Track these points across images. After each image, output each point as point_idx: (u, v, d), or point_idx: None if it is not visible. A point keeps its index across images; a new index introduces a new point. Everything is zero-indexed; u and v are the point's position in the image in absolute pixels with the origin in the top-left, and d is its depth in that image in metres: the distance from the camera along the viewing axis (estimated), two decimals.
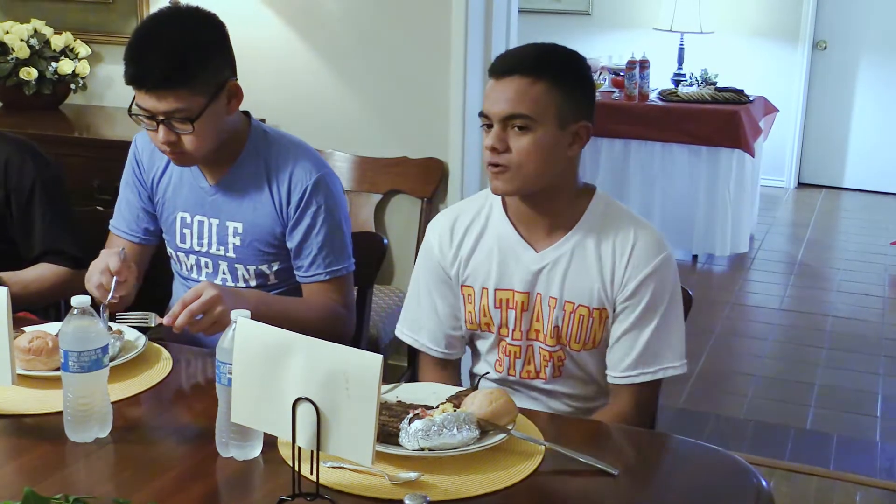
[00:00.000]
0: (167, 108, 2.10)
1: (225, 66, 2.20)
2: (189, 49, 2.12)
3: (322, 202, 2.29)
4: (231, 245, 2.33)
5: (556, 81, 1.92)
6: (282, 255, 2.34)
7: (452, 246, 2.11)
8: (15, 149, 2.52)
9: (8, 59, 3.92)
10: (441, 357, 2.17)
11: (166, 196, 2.38)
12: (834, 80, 7.66)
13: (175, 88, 2.09)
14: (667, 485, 1.75)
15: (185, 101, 2.11)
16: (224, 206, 2.32)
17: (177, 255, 2.41)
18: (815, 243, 6.50)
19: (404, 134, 3.72)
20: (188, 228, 2.36)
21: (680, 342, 2.05)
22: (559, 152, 1.96)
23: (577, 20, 7.96)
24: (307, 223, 2.29)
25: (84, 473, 1.68)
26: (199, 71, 2.12)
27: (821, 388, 4.27)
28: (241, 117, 2.33)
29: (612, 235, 2.02)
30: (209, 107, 2.14)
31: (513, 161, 1.94)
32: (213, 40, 2.19)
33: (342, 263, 2.34)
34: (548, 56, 1.98)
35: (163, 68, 2.08)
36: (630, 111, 5.74)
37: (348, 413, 1.48)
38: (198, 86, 2.12)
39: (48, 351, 1.93)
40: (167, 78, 2.09)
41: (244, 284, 2.36)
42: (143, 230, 2.44)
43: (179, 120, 2.12)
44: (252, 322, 1.57)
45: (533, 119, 1.92)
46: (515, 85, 1.92)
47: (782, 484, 3.45)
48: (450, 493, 1.60)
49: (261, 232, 2.31)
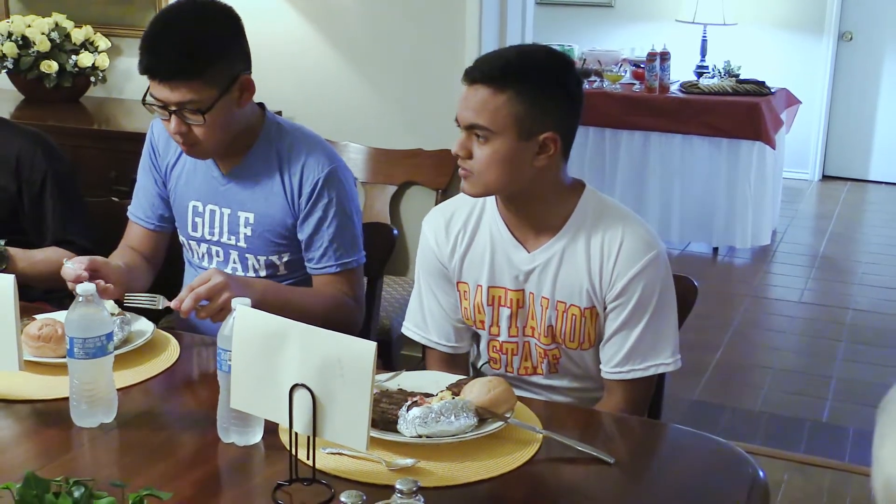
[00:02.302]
0: (179, 98, 2.13)
1: (238, 59, 2.22)
2: (203, 41, 2.14)
3: (333, 194, 2.30)
4: (242, 235, 2.35)
5: (521, 92, 1.88)
6: (293, 247, 2.36)
7: (449, 242, 2.11)
8: (27, 141, 2.56)
9: (29, 52, 3.97)
10: (450, 352, 2.17)
11: (179, 183, 2.41)
12: (859, 71, 7.60)
13: (188, 80, 2.11)
14: (663, 473, 1.76)
15: (197, 93, 2.12)
16: (236, 196, 2.34)
17: (188, 242, 2.44)
18: (838, 236, 6.46)
19: (419, 126, 3.74)
20: (200, 217, 2.39)
21: (672, 338, 2.04)
22: (522, 163, 1.93)
23: (600, 12, 7.94)
24: (318, 215, 2.30)
25: (88, 458, 1.72)
26: (212, 63, 2.13)
27: (838, 381, 4.25)
28: (256, 109, 2.35)
29: (600, 235, 2.00)
30: (221, 99, 2.16)
31: (475, 168, 1.94)
32: (227, 33, 2.20)
33: (353, 256, 2.35)
34: (519, 64, 1.93)
35: (176, 59, 2.11)
36: (650, 103, 5.72)
37: (343, 399, 1.50)
38: (210, 78, 2.13)
39: (57, 338, 1.97)
40: (180, 69, 2.11)
41: (254, 274, 2.37)
42: (158, 217, 2.46)
43: (191, 111, 2.14)
44: (251, 310, 1.60)
45: (491, 131, 1.90)
46: (480, 94, 1.90)
47: (796, 476, 3.44)
48: (446, 480, 1.61)
49: (272, 223, 2.33)
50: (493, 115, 1.89)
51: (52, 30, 4.00)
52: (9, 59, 3.98)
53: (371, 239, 2.60)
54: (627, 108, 5.72)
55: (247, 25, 2.25)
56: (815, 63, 7.57)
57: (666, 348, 2.02)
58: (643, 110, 5.72)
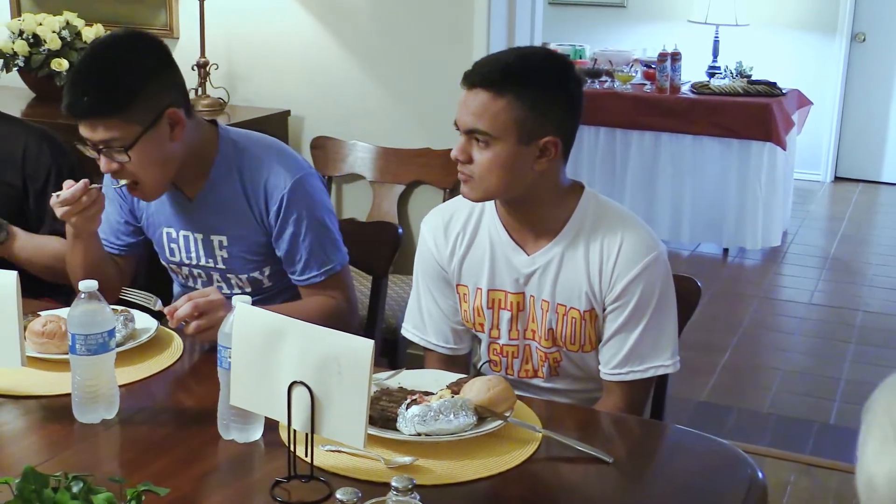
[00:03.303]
0: (100, 136, 2.08)
1: (163, 93, 2.13)
2: (119, 78, 2.08)
3: (303, 208, 2.25)
4: (219, 257, 2.31)
5: (520, 96, 1.87)
6: (272, 259, 2.32)
7: (448, 244, 2.10)
8: (33, 137, 2.58)
9: (40, 50, 3.99)
10: (449, 353, 2.17)
11: (149, 211, 2.36)
12: (872, 73, 7.56)
13: (104, 117, 2.06)
14: (661, 472, 1.76)
15: (116, 130, 2.07)
16: (206, 220, 2.30)
17: (170, 266, 2.42)
18: (849, 238, 6.43)
19: (427, 125, 3.74)
20: (175, 243, 2.35)
21: (672, 340, 2.03)
22: (522, 167, 1.92)
23: (612, 12, 7.93)
24: (291, 231, 2.26)
25: (89, 453, 1.73)
26: (130, 100, 2.07)
27: (847, 382, 4.24)
28: (206, 132, 2.27)
29: (599, 237, 1.99)
30: (145, 135, 2.09)
31: (475, 172, 1.93)
32: (148, 67, 2.12)
33: (335, 261, 2.31)
34: (517, 68, 1.90)
35: (92, 97, 2.05)
36: (661, 104, 5.71)
37: (341, 397, 1.51)
38: (129, 114, 2.07)
39: (61, 334, 1.98)
40: (95, 107, 2.06)
41: (239, 291, 2.34)
42: (123, 244, 2.42)
43: (115, 149, 2.09)
44: (251, 307, 1.61)
45: (491, 136, 1.89)
46: (479, 99, 1.89)
47: (803, 478, 3.43)
48: (444, 478, 1.62)
49: (246, 243, 2.29)
50: (493, 119, 1.88)
51: (62, 28, 4.01)
52: (20, 56, 3.99)
53: (377, 238, 2.61)
54: (638, 109, 5.71)
55: (255, 25, 2.25)
56: (828, 64, 7.54)
57: (665, 350, 2.02)
58: (654, 111, 5.71)
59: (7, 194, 2.55)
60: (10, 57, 4.01)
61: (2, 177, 2.54)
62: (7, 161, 2.55)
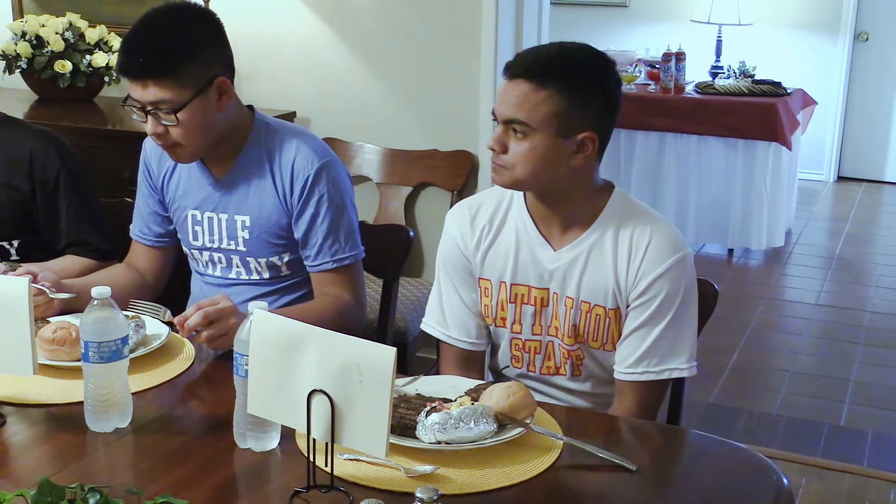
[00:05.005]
0: (151, 97, 2.12)
1: (215, 61, 2.20)
2: (175, 41, 2.13)
3: (325, 190, 2.28)
4: (241, 238, 2.34)
5: (561, 90, 1.88)
6: (292, 246, 2.34)
7: (474, 236, 2.10)
8: (40, 141, 2.55)
9: (43, 52, 3.96)
10: (469, 349, 2.15)
11: (176, 195, 2.40)
12: (875, 72, 7.54)
13: (157, 78, 2.11)
14: (685, 481, 1.74)
15: (168, 92, 2.12)
16: (231, 200, 2.33)
17: (191, 252, 2.43)
18: (854, 238, 6.41)
19: (434, 127, 3.72)
20: (199, 225, 2.38)
21: (691, 344, 2.01)
22: (558, 161, 1.92)
23: (615, 12, 7.91)
24: (311, 212, 2.29)
25: (103, 463, 1.69)
26: (184, 63, 2.12)
27: (856, 384, 4.21)
28: (244, 112, 2.33)
29: (628, 234, 1.99)
30: (194, 100, 2.14)
31: (509, 162, 1.93)
32: (202, 34, 2.19)
33: (349, 252, 2.32)
34: (561, 61, 1.91)
35: (146, 58, 2.11)
36: (666, 104, 5.69)
37: (362, 405, 1.48)
38: (182, 78, 2.12)
39: (71, 341, 1.95)
40: (151, 67, 2.11)
41: (258, 277, 2.36)
42: (155, 234, 2.46)
43: (164, 111, 2.14)
44: (268, 314, 1.58)
45: (530, 127, 1.89)
46: (521, 89, 1.89)
47: (814, 481, 3.41)
48: (465, 487, 1.59)
49: (268, 224, 2.31)
50: (533, 110, 1.88)
51: (66, 29, 3.99)
52: (23, 58, 3.97)
53: (387, 241, 2.58)
54: (642, 109, 5.68)
55: (261, 26, 2.24)
56: (831, 63, 7.52)
57: (683, 353, 1.99)
58: (658, 111, 5.69)
59: (15, 198, 2.52)
60: (13, 59, 3.99)
61: (9, 180, 2.51)
62: (14, 165, 2.52)
